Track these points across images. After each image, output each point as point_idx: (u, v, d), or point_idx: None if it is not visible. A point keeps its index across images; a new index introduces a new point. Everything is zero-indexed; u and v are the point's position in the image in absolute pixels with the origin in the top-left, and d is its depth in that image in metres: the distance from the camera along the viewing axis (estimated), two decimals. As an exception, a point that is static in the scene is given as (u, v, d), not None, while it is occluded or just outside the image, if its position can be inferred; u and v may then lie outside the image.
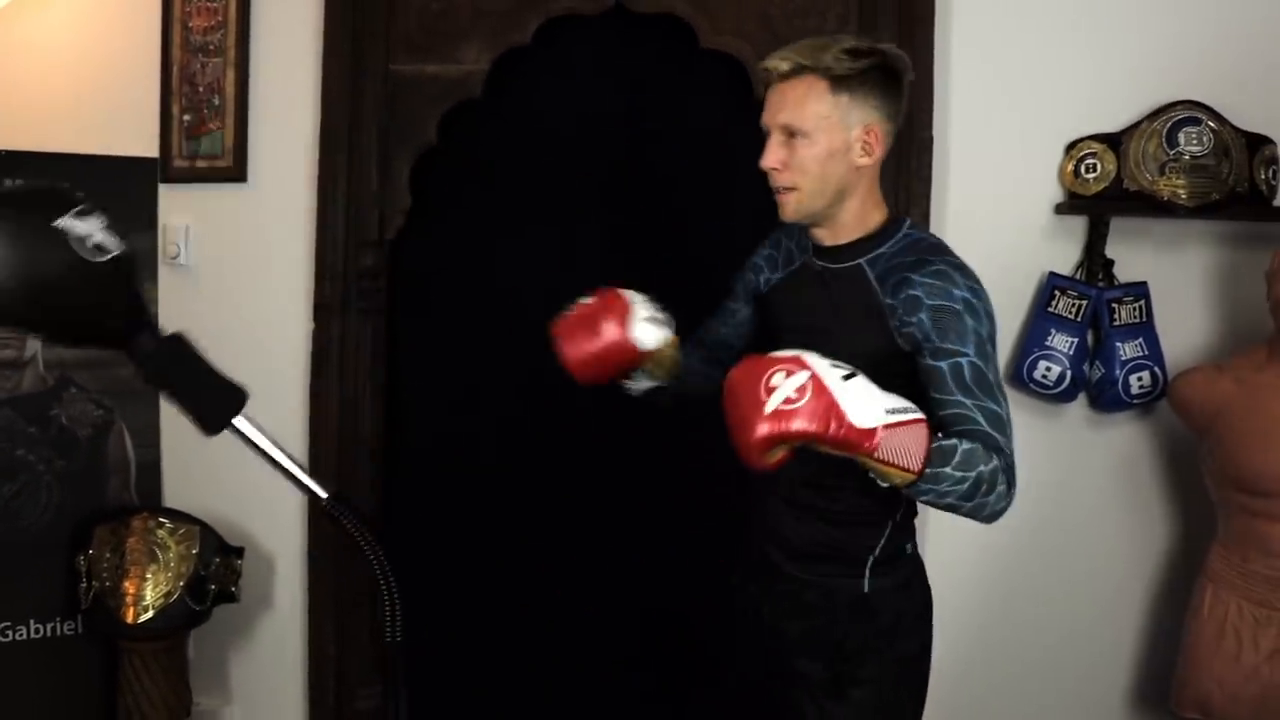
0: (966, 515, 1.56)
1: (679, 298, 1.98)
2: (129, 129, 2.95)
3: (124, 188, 2.91)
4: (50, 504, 2.83)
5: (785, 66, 1.68)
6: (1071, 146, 2.58)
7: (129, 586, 2.69)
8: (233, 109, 2.92)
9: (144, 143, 2.95)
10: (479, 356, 2.97)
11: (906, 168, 2.61)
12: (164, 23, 2.94)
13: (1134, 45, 2.58)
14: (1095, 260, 2.59)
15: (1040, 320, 2.59)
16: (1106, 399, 2.57)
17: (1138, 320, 2.56)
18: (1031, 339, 2.59)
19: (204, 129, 2.94)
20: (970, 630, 2.73)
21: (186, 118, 2.95)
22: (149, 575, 2.71)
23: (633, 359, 1.82)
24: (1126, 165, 2.52)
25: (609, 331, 1.80)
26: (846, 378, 1.42)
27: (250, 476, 2.94)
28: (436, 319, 3.01)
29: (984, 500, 1.53)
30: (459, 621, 2.96)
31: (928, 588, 1.91)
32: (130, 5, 2.96)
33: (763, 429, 1.40)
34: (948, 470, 1.47)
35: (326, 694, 2.93)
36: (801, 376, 1.40)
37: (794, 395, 1.38)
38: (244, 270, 2.96)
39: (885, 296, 1.68)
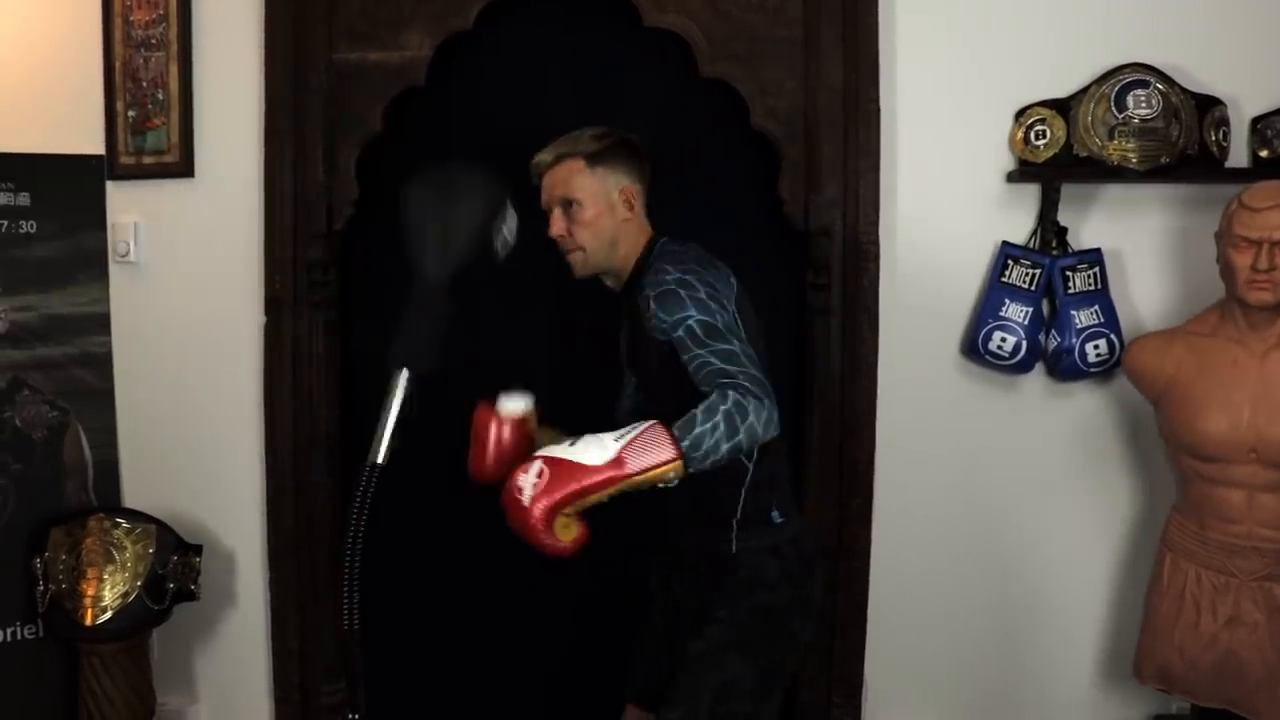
0: (748, 446, 1.73)
1: None
2: (74, 126, 2.92)
3: (72, 186, 2.89)
4: (7, 508, 2.80)
5: (549, 158, 2.09)
6: (1021, 113, 2.55)
7: (86, 588, 2.67)
8: (177, 104, 2.89)
9: (89, 140, 2.92)
10: (434, 346, 2.93)
11: (853, 142, 2.59)
12: (104, 17, 2.90)
13: (1081, 8, 2.55)
14: (1048, 228, 2.56)
15: (994, 291, 2.56)
16: (1064, 368, 2.54)
17: (1092, 287, 2.53)
18: (986, 310, 2.56)
19: (149, 124, 2.91)
20: (933, 605, 2.72)
21: (131, 113, 2.92)
22: (106, 576, 2.68)
23: (518, 437, 2.09)
24: (1076, 130, 2.48)
25: (485, 428, 2.10)
26: (572, 444, 1.68)
27: (209, 474, 2.98)
28: (390, 310, 2.96)
29: (750, 426, 1.71)
30: (421, 616, 2.95)
31: (804, 558, 2.05)
32: (70, 1, 2.92)
33: (532, 516, 1.62)
34: (697, 431, 1.68)
35: (291, 690, 2.91)
36: (535, 466, 1.65)
37: (536, 480, 1.63)
38: (195, 266, 2.93)
39: (644, 315, 1.93)
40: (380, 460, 1.72)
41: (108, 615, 2.67)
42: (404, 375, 1.77)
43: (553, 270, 2.20)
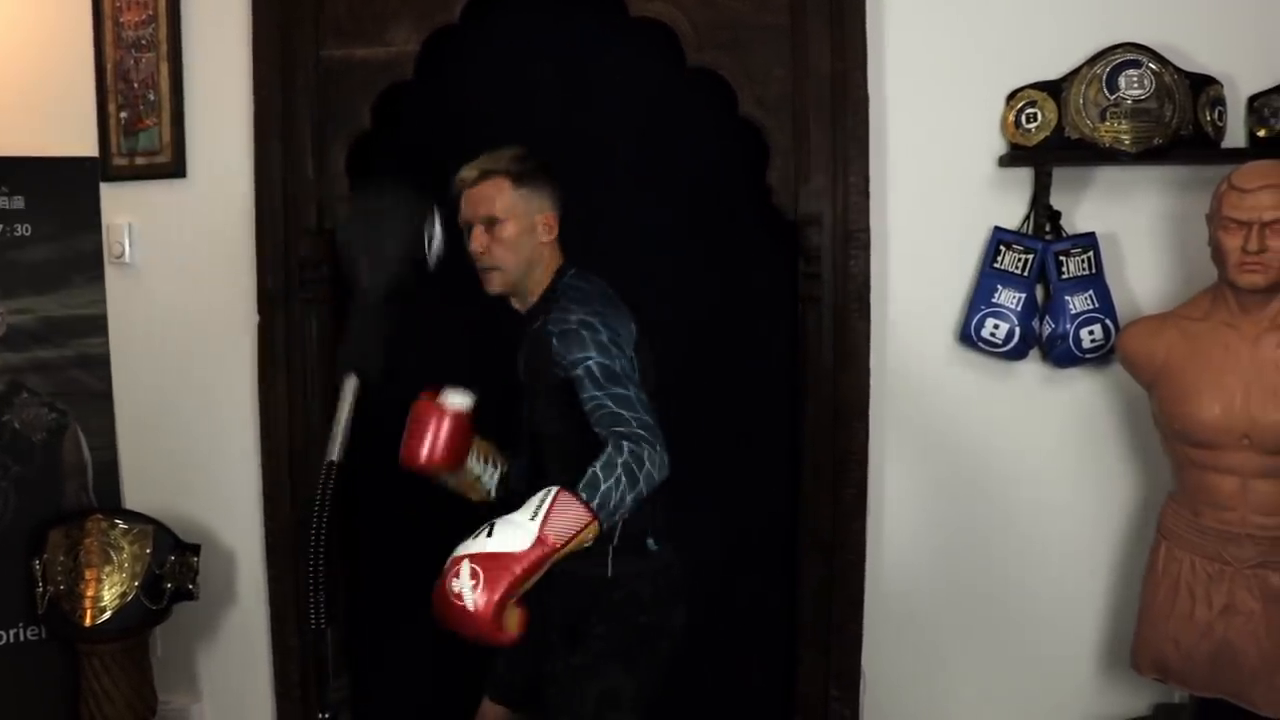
0: (647, 492, 1.77)
1: (624, 267, 2.17)
2: (67, 129, 2.94)
3: (67, 188, 2.90)
4: (7, 510, 2.82)
5: (474, 174, 2.10)
6: (1012, 96, 2.51)
7: (85, 589, 2.69)
8: (168, 104, 2.90)
9: (82, 142, 2.93)
10: (428, 341, 2.93)
11: (841, 128, 2.56)
12: (95, 19, 2.91)
13: (1072, -13, 2.50)
14: (1041, 212, 2.52)
15: (986, 277, 2.53)
16: (1058, 354, 2.51)
17: (1087, 272, 2.49)
18: (978, 296, 2.53)
19: (141, 125, 2.92)
20: (930, 596, 2.69)
21: (123, 114, 2.93)
22: (104, 577, 2.70)
23: (457, 431, 2.11)
24: (1067, 113, 2.44)
25: (427, 418, 2.10)
26: (488, 534, 1.64)
27: (208, 473, 2.98)
28: (383, 306, 2.96)
29: (646, 473, 1.76)
30: (418, 617, 2.95)
31: (674, 585, 2.13)
32: (60, 2, 2.93)
33: (482, 619, 1.58)
34: (602, 489, 1.70)
35: (292, 687, 2.93)
36: (464, 568, 1.61)
37: (472, 582, 1.59)
38: (188, 266, 2.94)
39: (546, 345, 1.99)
40: (336, 458, 1.72)
41: (106, 616, 2.68)
42: (353, 382, 1.77)
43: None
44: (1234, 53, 2.46)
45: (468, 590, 1.59)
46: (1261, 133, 2.44)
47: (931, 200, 2.58)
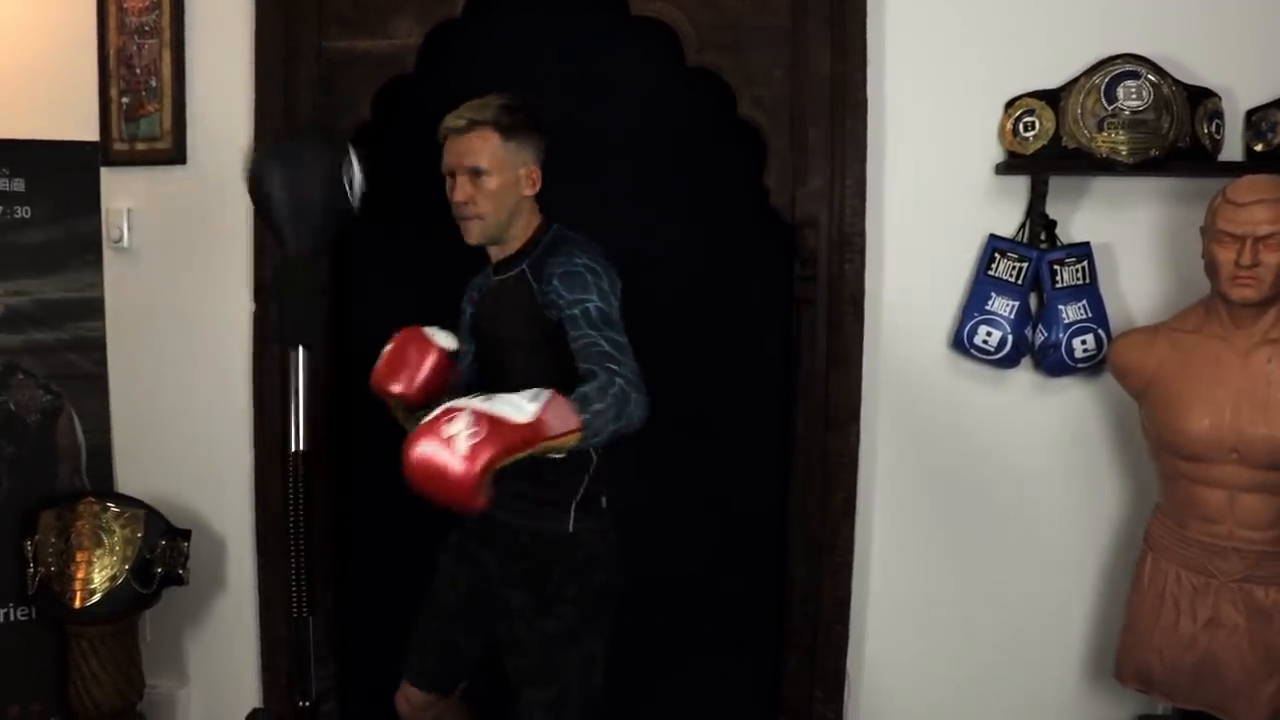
0: (623, 433, 1.80)
1: (618, 263, 2.10)
2: (68, 113, 2.94)
3: (67, 172, 2.90)
4: (0, 491, 2.83)
5: (461, 123, 2.10)
6: (1010, 104, 2.51)
7: (75, 571, 2.70)
8: (170, 91, 2.90)
9: (84, 126, 2.94)
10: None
11: (840, 131, 2.56)
12: (99, 4, 2.92)
13: (1073, -2, 2.50)
14: (1036, 221, 2.52)
15: (980, 284, 2.53)
16: (1050, 363, 2.51)
17: (1080, 281, 2.49)
18: (972, 303, 2.53)
19: (142, 111, 2.92)
20: (917, 601, 2.70)
21: (125, 100, 2.93)
22: (95, 559, 2.71)
23: (441, 369, 2.14)
24: (1065, 122, 2.44)
25: (421, 350, 2.13)
26: (486, 399, 1.60)
27: (201, 459, 2.99)
28: (382, 299, 2.98)
29: (629, 412, 1.78)
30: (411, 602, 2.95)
31: (620, 545, 2.20)
32: (65, -12, 2.94)
33: (472, 470, 1.52)
34: (595, 407, 1.73)
35: (279, 674, 2.93)
36: (464, 416, 1.55)
37: (473, 430, 1.53)
38: (186, 252, 2.94)
39: (537, 290, 2.04)
40: (302, 447, 1.71)
41: (96, 598, 2.69)
42: (300, 356, 1.73)
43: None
44: (1233, 66, 2.46)
45: (464, 438, 1.52)
46: (1259, 147, 2.44)
47: (928, 206, 2.59)
